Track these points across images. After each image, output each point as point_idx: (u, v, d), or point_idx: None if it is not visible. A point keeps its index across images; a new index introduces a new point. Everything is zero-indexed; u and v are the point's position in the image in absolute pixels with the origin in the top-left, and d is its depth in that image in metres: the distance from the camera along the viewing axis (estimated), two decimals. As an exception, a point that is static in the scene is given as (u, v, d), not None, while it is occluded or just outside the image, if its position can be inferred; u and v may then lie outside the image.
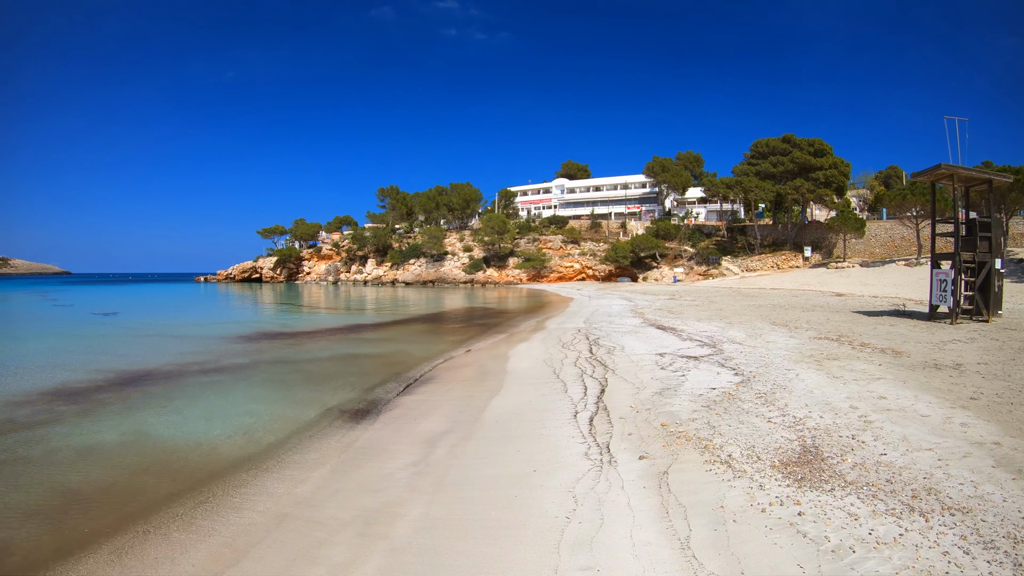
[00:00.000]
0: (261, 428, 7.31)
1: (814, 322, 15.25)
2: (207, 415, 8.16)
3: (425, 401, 8.43)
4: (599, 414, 6.54)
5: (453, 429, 6.70)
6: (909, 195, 40.65)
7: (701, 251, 58.54)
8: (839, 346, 11.19)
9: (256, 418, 7.76)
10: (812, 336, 12.59)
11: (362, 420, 7.55)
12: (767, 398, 7.08)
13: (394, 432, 6.90)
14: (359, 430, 7.04)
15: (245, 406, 8.50)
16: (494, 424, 6.78)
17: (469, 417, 7.15)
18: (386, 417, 7.69)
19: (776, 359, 9.87)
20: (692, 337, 13.33)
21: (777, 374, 8.53)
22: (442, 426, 6.90)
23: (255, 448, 6.57)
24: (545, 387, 8.40)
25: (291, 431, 7.09)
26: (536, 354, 12.21)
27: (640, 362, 9.88)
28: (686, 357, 10.25)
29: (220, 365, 12.10)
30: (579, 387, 8.13)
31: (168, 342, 16.21)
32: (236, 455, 6.35)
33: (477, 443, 6.09)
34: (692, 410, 6.46)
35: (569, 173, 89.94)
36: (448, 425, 6.90)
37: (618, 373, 8.95)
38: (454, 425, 6.91)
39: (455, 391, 9.04)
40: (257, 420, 7.66)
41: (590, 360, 10.51)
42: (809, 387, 7.65)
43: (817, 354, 10.29)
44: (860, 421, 6.01)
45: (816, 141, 53.11)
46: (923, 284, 27.21)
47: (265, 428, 7.29)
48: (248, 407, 8.43)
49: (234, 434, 7.13)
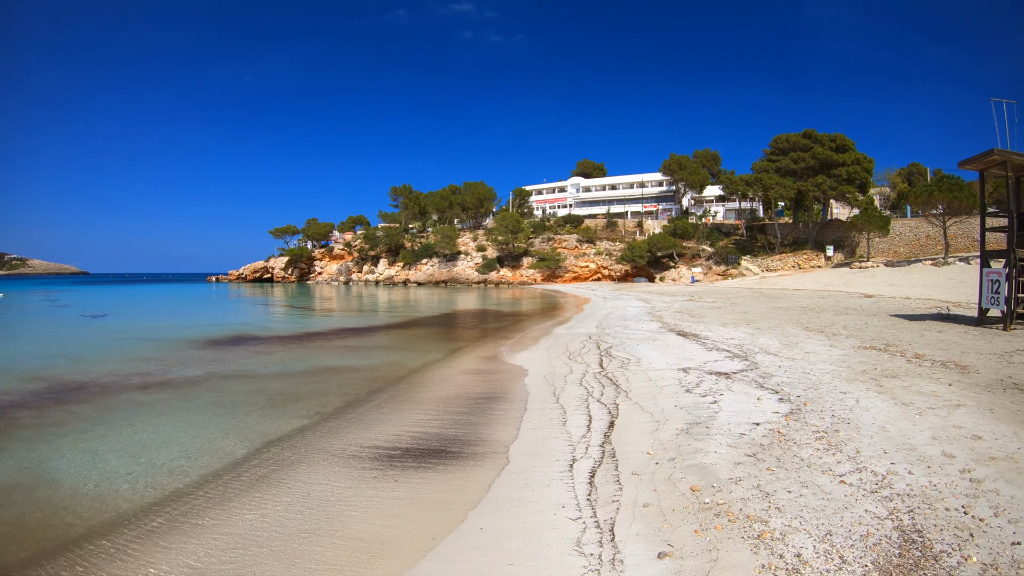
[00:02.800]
0: (174, 474, 5.66)
1: (852, 327, 13.51)
2: (122, 450, 6.51)
3: (388, 437, 6.72)
4: (604, 464, 4.74)
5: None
6: (936, 191, 38.93)
7: (720, 250, 56.45)
8: (891, 358, 9.35)
9: (173, 460, 6.09)
10: (856, 345, 10.79)
11: (293, 469, 5.84)
12: (829, 440, 5.24)
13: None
14: (285, 487, 5.35)
15: (170, 441, 6.83)
16: (461, 473, 5.04)
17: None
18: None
19: (824, 376, 8.04)
20: (719, 346, 11.48)
21: (832, 399, 6.68)
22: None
23: (153, 497, 4.99)
24: (539, 416, 6.62)
25: (202, 479, 5.42)
26: (537, 367, 10.44)
27: (660, 381, 8.05)
28: (715, 374, 8.40)
29: (169, 378, 10.51)
30: (582, 417, 6.34)
31: (134, 347, 14.75)
32: (127, 509, 4.80)
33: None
34: (733, 461, 4.64)
35: (584, 172, 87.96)
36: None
37: (632, 396, 7.14)
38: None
39: (425, 422, 7.31)
40: (173, 462, 5.99)
41: (599, 377, 8.71)
42: (878, 420, 5.81)
43: (870, 369, 8.47)
44: (965, 480, 4.21)
45: (838, 136, 50.68)
46: (953, 284, 25.93)
47: (178, 474, 5.63)
48: (173, 442, 6.76)
49: (138, 482, 5.49)
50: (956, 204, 37.99)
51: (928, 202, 40.20)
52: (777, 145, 53.80)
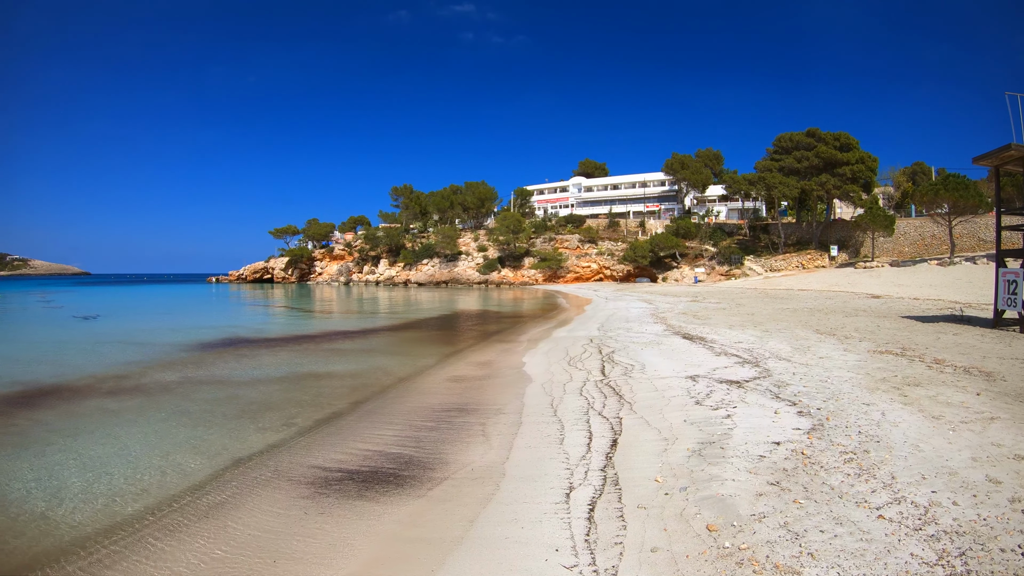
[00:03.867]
0: (122, 495, 5.10)
1: (864, 330, 12.97)
2: (80, 465, 5.97)
3: (358, 458, 6.13)
4: (606, 493, 4.13)
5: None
6: (942, 190, 38.15)
7: (723, 250, 55.78)
8: (910, 363, 8.77)
9: (127, 479, 5.53)
10: (870, 349, 10.23)
11: (246, 498, 5.26)
12: (860, 462, 4.64)
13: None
14: (233, 521, 4.78)
15: (129, 455, 6.27)
16: (438, 506, 4.45)
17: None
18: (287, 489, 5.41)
19: (843, 385, 7.46)
20: (727, 351, 10.89)
21: (855, 412, 6.09)
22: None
23: (103, 523, 4.47)
24: (534, 432, 6.01)
25: (148, 508, 4.84)
26: (535, 373, 9.84)
27: (666, 391, 7.45)
28: (726, 383, 7.80)
29: (141, 383, 9.96)
30: (581, 433, 5.73)
31: (118, 350, 14.20)
32: (74, 536, 4.28)
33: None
34: (754, 492, 4.03)
35: (586, 171, 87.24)
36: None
37: (637, 409, 6.53)
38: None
39: (404, 440, 6.72)
40: (125, 483, 5.43)
41: (601, 386, 8.10)
42: (910, 437, 5.24)
43: (891, 377, 7.89)
44: (1017, 512, 3.68)
45: (842, 135, 49.97)
46: (961, 285, 25.38)
47: (126, 497, 5.07)
48: (132, 457, 6.20)
49: (90, 505, 4.93)
50: (962, 203, 37.50)
51: (933, 201, 39.51)
52: (780, 144, 53.11)
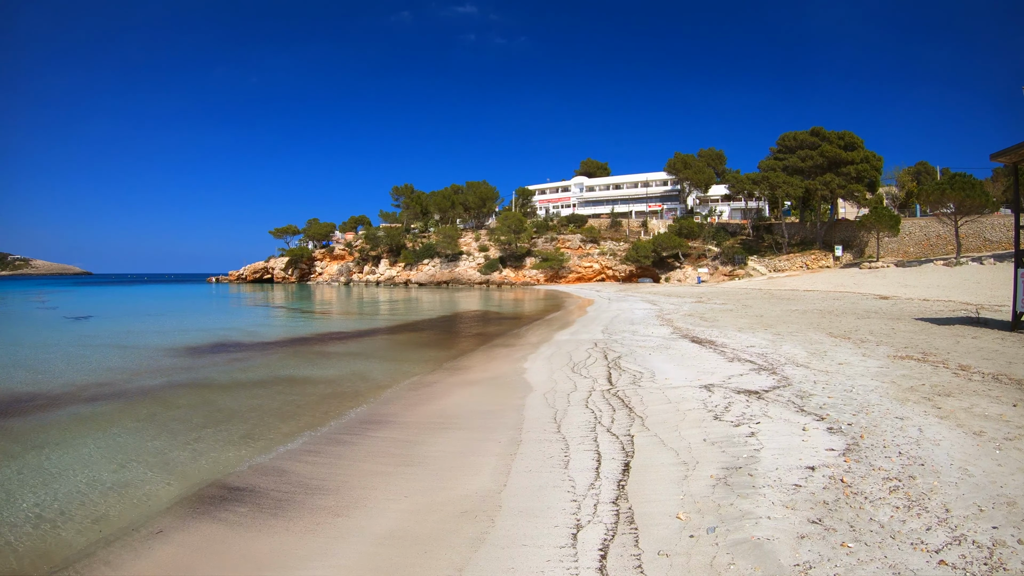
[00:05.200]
0: (72, 519, 4.54)
1: (879, 333, 12.39)
2: (36, 482, 5.42)
3: (326, 478, 5.51)
4: (620, 534, 3.51)
5: (331, 549, 3.77)
6: (948, 189, 37.92)
7: (726, 250, 55.20)
8: (934, 370, 8.20)
9: (82, 499, 4.97)
10: (890, 354, 9.66)
11: (194, 521, 4.67)
12: (907, 491, 4.04)
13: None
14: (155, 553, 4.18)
15: (93, 467, 5.75)
16: (416, 548, 3.85)
17: (383, 528, 4.22)
18: (241, 513, 4.80)
19: (870, 396, 6.86)
20: (740, 356, 10.29)
21: (890, 428, 5.49)
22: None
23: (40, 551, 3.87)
24: (535, 452, 5.39)
25: (104, 538, 4.26)
26: (536, 381, 9.23)
27: (680, 402, 6.84)
28: (745, 393, 7.19)
29: (122, 389, 9.40)
30: (589, 454, 5.11)
31: (102, 353, 13.64)
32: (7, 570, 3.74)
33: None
34: (795, 533, 3.42)
35: (588, 171, 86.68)
36: (325, 543, 3.95)
37: (650, 425, 5.92)
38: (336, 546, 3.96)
39: (380, 460, 6.12)
40: (72, 506, 4.87)
41: (608, 396, 7.49)
42: (955, 458, 4.64)
43: (918, 386, 7.31)
44: None
45: (846, 134, 49.54)
46: (969, 285, 24.70)
47: (72, 521, 4.51)
48: (97, 469, 5.67)
49: (34, 533, 4.38)
50: (968, 202, 37.19)
51: (939, 200, 39.20)
52: (784, 143, 52.62)
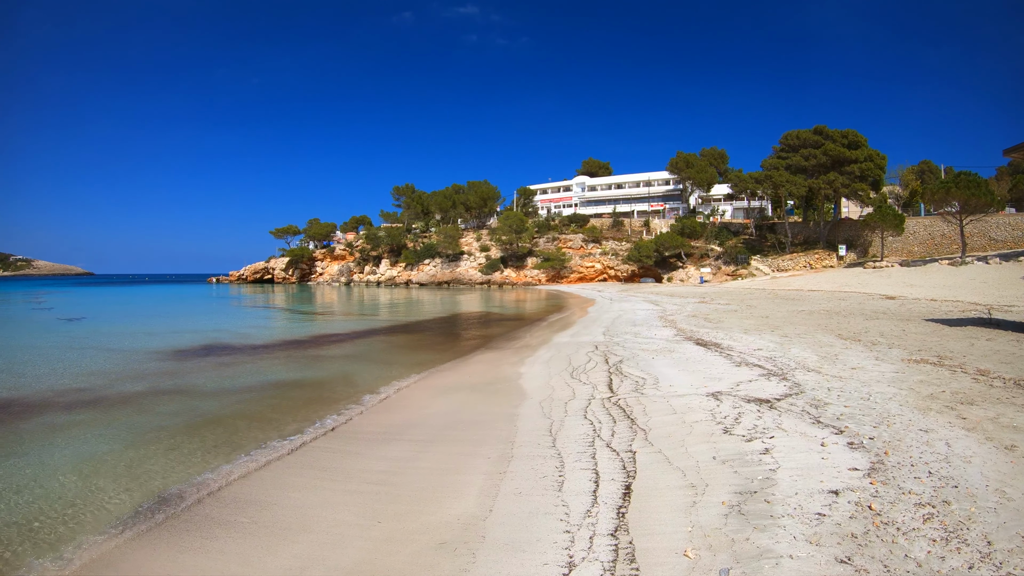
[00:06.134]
0: (16, 532, 4.08)
1: (889, 335, 11.90)
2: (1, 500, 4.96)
3: (287, 498, 5.04)
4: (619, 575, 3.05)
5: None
6: (953, 188, 37.42)
7: (729, 250, 54.72)
8: (952, 375, 7.72)
9: (37, 512, 4.51)
10: (903, 358, 9.19)
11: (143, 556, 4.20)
12: (943, 520, 3.54)
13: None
14: None
15: (55, 479, 5.31)
16: None
17: (348, 560, 3.74)
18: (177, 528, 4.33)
19: (890, 405, 6.37)
20: (747, 360, 9.79)
21: (915, 443, 5.01)
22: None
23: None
24: (526, 471, 4.89)
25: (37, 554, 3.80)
26: (532, 387, 8.74)
27: (687, 412, 6.34)
28: (755, 402, 6.69)
29: (103, 395, 8.94)
30: (586, 474, 4.62)
31: (88, 356, 13.20)
32: None
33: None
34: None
35: (590, 171, 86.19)
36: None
37: (653, 439, 5.43)
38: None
39: (353, 478, 5.64)
40: (22, 518, 4.40)
41: (609, 405, 6.99)
42: (990, 478, 4.17)
43: (938, 393, 6.83)
44: None
45: (850, 133, 49.01)
46: (975, 285, 24.19)
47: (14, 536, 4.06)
48: (59, 482, 5.23)
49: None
50: (973, 201, 36.82)
51: (944, 199, 38.82)
52: (787, 142, 52.13)
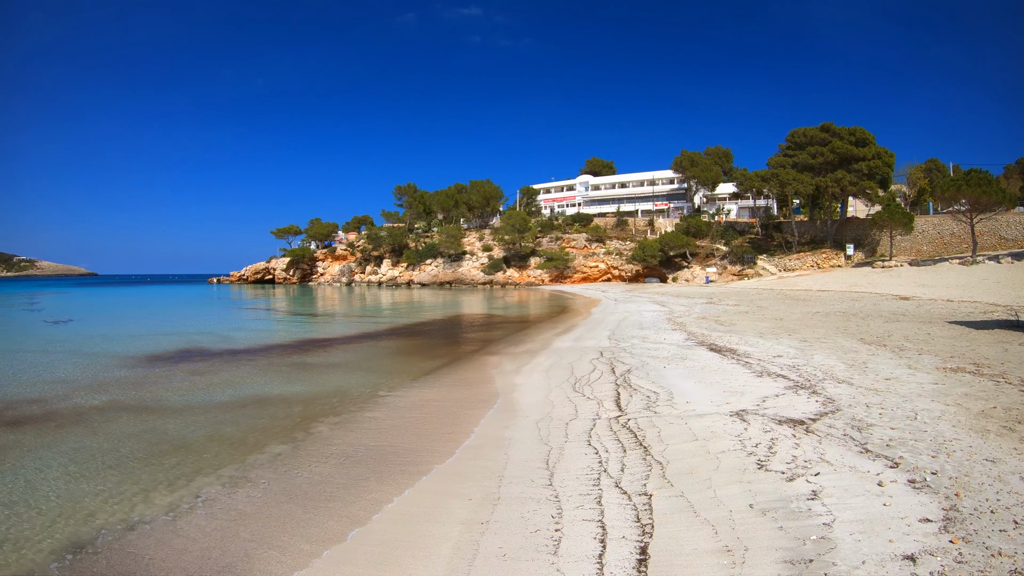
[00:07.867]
0: None
1: (915, 339, 10.95)
2: None
3: (211, 550, 4.14)
4: None
5: None
6: (964, 186, 36.42)
7: (735, 249, 53.69)
8: (997, 387, 6.85)
9: None
10: (939, 366, 8.28)
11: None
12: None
13: None
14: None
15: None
16: None
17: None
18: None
19: (940, 425, 5.46)
20: (769, 369, 8.84)
21: (985, 478, 4.09)
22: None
23: None
24: (512, 519, 3.92)
25: None
26: (529, 402, 7.79)
27: (710, 438, 5.38)
28: (788, 423, 5.73)
29: (55, 409, 8.02)
30: (589, 527, 3.65)
31: (57, 361, 12.38)
32: None
33: None
34: None
35: (594, 170, 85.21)
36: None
37: (672, 475, 4.48)
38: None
39: (296, 528, 4.74)
40: None
41: (617, 428, 6.03)
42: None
43: (988, 408, 6.00)
44: None
45: (857, 130, 47.98)
46: (988, 285, 23.09)
47: None
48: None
49: None
50: (984, 199, 35.86)
51: (954, 197, 37.84)
52: (794, 139, 51.13)
